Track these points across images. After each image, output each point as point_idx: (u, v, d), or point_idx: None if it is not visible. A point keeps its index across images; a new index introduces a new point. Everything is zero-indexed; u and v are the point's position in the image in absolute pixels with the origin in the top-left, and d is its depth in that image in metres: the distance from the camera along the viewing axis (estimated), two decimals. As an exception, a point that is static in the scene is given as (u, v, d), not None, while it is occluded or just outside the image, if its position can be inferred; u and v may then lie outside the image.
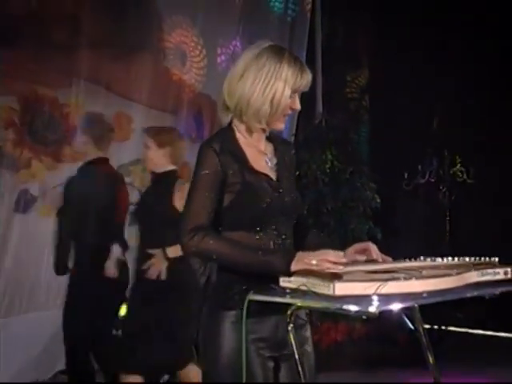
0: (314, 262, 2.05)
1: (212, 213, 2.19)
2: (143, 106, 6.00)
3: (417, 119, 7.19)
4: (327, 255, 2.07)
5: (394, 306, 1.95)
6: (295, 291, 2.04)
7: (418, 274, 2.11)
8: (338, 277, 1.98)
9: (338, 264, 2.05)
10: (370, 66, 8.10)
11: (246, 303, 2.08)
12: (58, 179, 5.37)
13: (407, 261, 2.29)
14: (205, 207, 2.18)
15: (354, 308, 1.88)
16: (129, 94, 5.93)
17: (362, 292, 1.95)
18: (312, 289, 1.99)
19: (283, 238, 2.26)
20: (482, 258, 2.33)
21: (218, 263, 2.24)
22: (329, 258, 2.05)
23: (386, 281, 1.97)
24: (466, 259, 2.32)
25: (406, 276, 2.06)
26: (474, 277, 2.20)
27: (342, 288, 1.94)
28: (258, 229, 2.21)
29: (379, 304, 1.89)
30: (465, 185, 6.69)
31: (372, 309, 1.86)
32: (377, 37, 7.78)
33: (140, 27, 5.98)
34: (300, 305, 2.03)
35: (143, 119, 5.62)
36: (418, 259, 2.33)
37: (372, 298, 1.92)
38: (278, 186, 2.28)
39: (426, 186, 6.90)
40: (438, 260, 2.30)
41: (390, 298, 1.94)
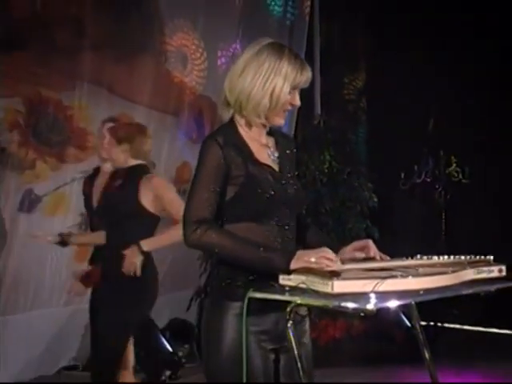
0: (312, 259, 2.06)
1: (215, 206, 2.18)
2: (145, 107, 6.01)
3: (413, 120, 7.19)
4: (325, 252, 2.08)
5: (392, 304, 1.96)
6: (294, 289, 2.04)
7: (414, 272, 2.11)
8: (336, 275, 1.99)
9: (335, 261, 2.06)
10: (367, 69, 8.11)
11: (246, 301, 2.08)
12: (61, 179, 5.39)
13: (404, 259, 2.30)
14: (208, 200, 2.17)
15: (352, 305, 1.88)
16: (131, 96, 5.93)
17: (359, 290, 1.95)
18: (311, 286, 2.00)
19: (286, 228, 2.27)
20: (477, 257, 2.34)
21: (219, 257, 2.24)
22: (327, 255, 2.06)
23: (384, 279, 1.98)
24: (462, 257, 2.32)
25: (403, 274, 2.06)
26: (469, 275, 2.21)
27: (340, 286, 1.95)
28: (261, 220, 2.21)
29: (377, 301, 1.89)
30: (460, 184, 6.68)
31: (370, 306, 1.86)
32: (374, 40, 7.78)
33: (142, 30, 6.00)
34: (299, 302, 2.03)
35: (145, 120, 5.60)
36: (415, 257, 2.33)
37: (370, 296, 1.92)
38: (280, 178, 2.28)
39: (422, 186, 6.90)
40: (434, 258, 2.31)
41: (387, 295, 1.94)
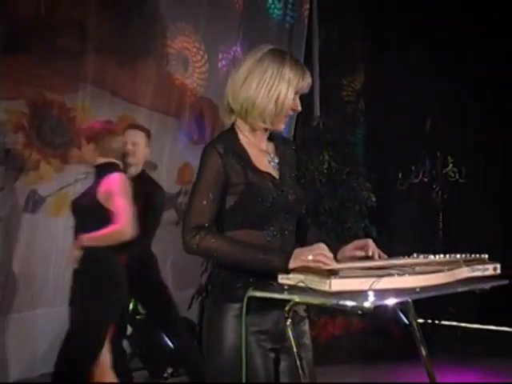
0: (310, 257, 2.06)
1: (214, 212, 2.19)
2: (147, 109, 6.01)
3: (410, 121, 7.18)
4: (320, 249, 2.08)
5: (389, 301, 1.97)
6: (293, 287, 2.05)
7: (411, 270, 2.12)
8: (334, 273, 1.99)
9: (330, 256, 2.06)
10: (365, 71, 8.10)
11: (246, 299, 2.08)
12: (65, 180, 5.39)
13: (401, 258, 2.30)
14: (207, 207, 2.18)
15: (350, 303, 1.89)
16: (133, 98, 5.93)
17: (357, 288, 1.96)
18: (309, 285, 2.00)
19: (286, 233, 2.27)
20: (473, 255, 2.34)
21: (219, 261, 2.25)
22: (322, 252, 2.06)
23: (381, 277, 1.98)
24: (457, 256, 2.32)
25: (400, 272, 2.07)
26: (464, 272, 2.21)
27: (338, 284, 1.95)
28: (261, 227, 2.22)
29: (374, 299, 1.90)
30: (457, 184, 6.68)
31: (367, 304, 1.87)
32: (372, 42, 7.78)
33: (144, 33, 5.99)
34: (298, 301, 2.04)
35: (147, 122, 5.61)
36: (412, 256, 2.34)
37: (367, 294, 1.93)
38: (280, 185, 2.29)
39: (419, 186, 6.89)
40: (431, 257, 2.31)
41: (384, 293, 1.95)
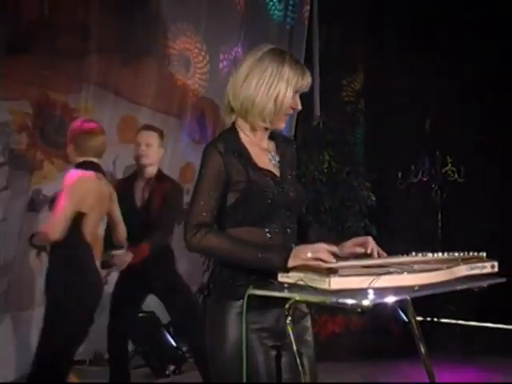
0: (309, 254, 2.06)
1: (215, 211, 2.19)
2: (149, 109, 6.02)
3: (410, 121, 7.18)
4: (322, 247, 2.08)
5: (388, 299, 1.97)
6: (293, 286, 2.05)
7: (410, 268, 2.12)
8: (333, 272, 1.99)
9: (331, 252, 2.06)
10: (365, 71, 8.09)
11: (246, 298, 2.09)
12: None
13: (400, 256, 2.30)
14: (208, 205, 2.18)
15: (350, 301, 1.89)
16: (135, 98, 5.94)
17: (356, 286, 1.96)
18: (309, 283, 2.00)
19: (288, 231, 2.27)
20: (471, 253, 2.34)
21: (219, 259, 2.25)
22: (322, 257, 2.05)
23: (380, 275, 1.98)
24: (456, 254, 2.32)
25: (399, 270, 2.07)
26: (462, 270, 2.21)
27: (337, 282, 1.95)
28: (263, 224, 2.22)
29: (373, 297, 1.90)
30: (456, 184, 6.67)
31: (366, 302, 1.87)
32: (372, 43, 7.78)
33: (146, 35, 6.01)
34: (298, 299, 2.04)
35: (149, 122, 5.61)
36: (410, 254, 2.33)
37: (366, 292, 1.93)
38: (281, 182, 2.28)
39: (418, 185, 6.89)
40: (429, 255, 2.31)
41: (383, 291, 1.95)
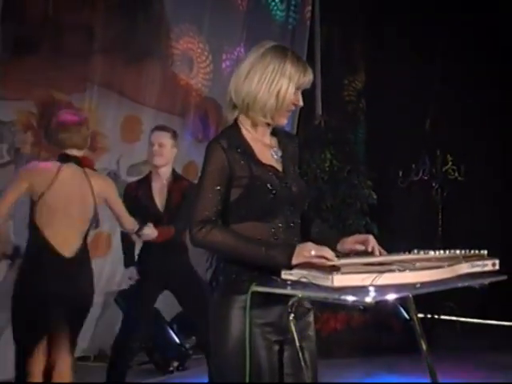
0: (313, 252, 2.06)
1: (220, 206, 2.19)
2: (153, 109, 6.03)
3: (410, 120, 7.18)
4: (324, 252, 2.08)
5: (390, 297, 1.97)
6: (296, 283, 2.05)
7: (411, 266, 2.12)
8: (336, 269, 1.99)
9: (334, 260, 2.06)
10: (366, 71, 8.09)
11: (250, 295, 2.09)
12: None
13: (401, 254, 2.30)
14: (213, 201, 2.18)
15: (352, 298, 1.89)
16: (139, 98, 5.95)
17: (359, 283, 1.96)
18: (312, 281, 2.00)
19: (291, 225, 2.27)
20: (472, 251, 2.34)
21: (223, 255, 2.25)
22: (325, 255, 2.07)
23: (382, 273, 1.98)
24: (457, 252, 2.32)
25: (401, 268, 2.07)
26: (464, 268, 2.21)
27: (340, 280, 1.95)
28: (266, 219, 2.22)
29: (375, 294, 1.90)
30: (456, 182, 6.66)
31: (368, 299, 1.87)
32: (373, 43, 7.77)
33: (150, 35, 6.01)
34: (301, 296, 2.04)
35: (152, 121, 5.62)
36: (412, 252, 2.34)
37: (369, 289, 1.93)
38: (284, 178, 2.28)
39: (419, 184, 6.88)
40: (431, 253, 2.31)
41: (385, 288, 1.95)
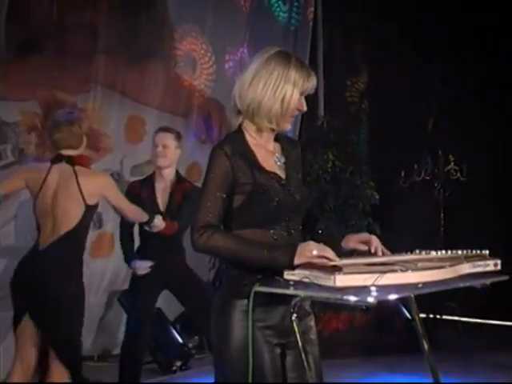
0: (314, 252, 2.06)
1: (222, 212, 2.19)
2: (156, 109, 6.03)
3: (413, 121, 7.17)
4: (326, 252, 2.08)
5: (392, 297, 1.97)
6: (298, 283, 2.05)
7: (413, 266, 2.12)
8: (338, 269, 1.99)
9: (336, 260, 2.06)
10: (368, 72, 8.09)
11: (252, 294, 2.09)
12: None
13: (403, 254, 2.30)
14: (215, 206, 2.18)
15: (354, 298, 1.89)
16: (142, 99, 5.95)
17: (361, 283, 1.95)
18: (314, 281, 2.00)
19: (292, 232, 2.27)
20: (474, 251, 2.34)
21: (226, 259, 2.25)
22: (327, 255, 2.07)
23: (384, 273, 1.98)
24: (459, 252, 2.32)
25: (403, 268, 2.07)
26: (466, 268, 2.21)
27: (342, 280, 1.95)
28: (268, 226, 2.22)
29: (377, 294, 1.90)
30: (458, 182, 6.66)
31: (371, 299, 1.87)
32: (375, 44, 7.77)
33: (153, 36, 6.01)
34: (303, 296, 2.04)
35: (155, 122, 5.63)
36: (414, 252, 2.33)
37: (371, 289, 1.92)
38: (287, 185, 2.28)
39: (421, 184, 6.88)
40: (433, 253, 2.30)
41: (387, 288, 1.95)
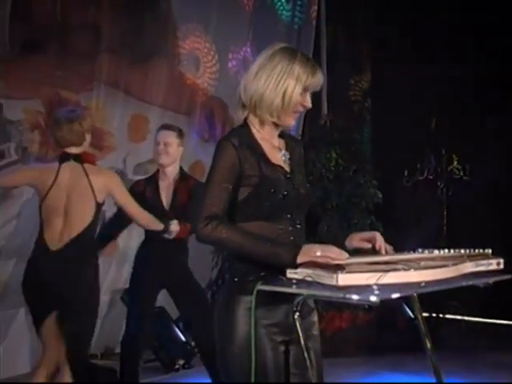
0: (318, 253, 2.06)
1: (227, 203, 2.19)
2: (159, 108, 6.03)
3: (416, 120, 7.16)
4: (331, 251, 2.08)
5: (394, 296, 1.96)
6: (301, 282, 2.04)
7: (416, 265, 2.11)
8: (341, 268, 1.99)
9: (340, 256, 2.06)
10: (372, 70, 8.08)
11: (255, 293, 2.09)
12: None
13: (406, 253, 2.30)
14: (221, 198, 2.18)
15: (356, 297, 1.89)
16: (146, 97, 5.96)
17: (363, 282, 1.95)
18: (317, 280, 2.00)
19: (297, 227, 2.28)
20: (477, 250, 2.33)
21: (229, 252, 2.25)
22: (331, 255, 2.06)
23: (387, 272, 1.98)
24: (462, 251, 2.32)
25: (405, 267, 2.06)
26: (468, 267, 2.21)
27: (344, 279, 1.95)
28: (274, 219, 2.22)
29: (380, 293, 1.89)
30: (461, 181, 6.66)
31: (373, 298, 1.87)
32: (378, 42, 7.76)
33: (156, 34, 6.02)
34: (306, 294, 2.03)
35: (159, 120, 5.63)
36: (417, 251, 2.33)
37: (373, 288, 1.92)
38: (293, 178, 2.30)
39: (424, 183, 6.88)
40: (435, 252, 2.30)
41: (390, 287, 1.95)
